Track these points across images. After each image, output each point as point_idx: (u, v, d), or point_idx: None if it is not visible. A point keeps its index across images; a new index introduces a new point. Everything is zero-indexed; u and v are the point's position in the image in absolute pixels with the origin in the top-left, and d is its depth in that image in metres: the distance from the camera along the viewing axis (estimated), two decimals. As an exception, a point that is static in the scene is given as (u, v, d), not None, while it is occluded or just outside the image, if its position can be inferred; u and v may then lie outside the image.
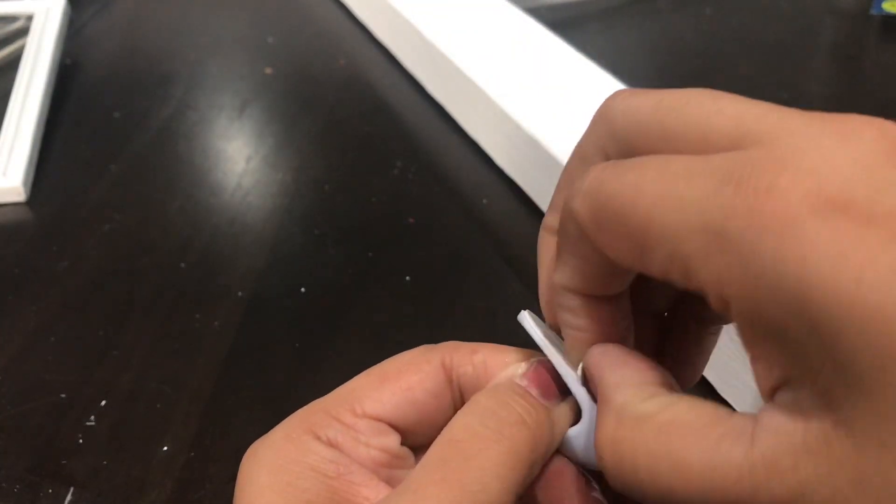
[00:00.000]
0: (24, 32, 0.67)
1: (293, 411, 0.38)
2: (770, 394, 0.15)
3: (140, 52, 0.70)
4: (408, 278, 0.44)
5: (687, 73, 0.65)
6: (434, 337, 0.40)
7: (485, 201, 0.50)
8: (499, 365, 0.22)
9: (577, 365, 0.21)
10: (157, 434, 0.36)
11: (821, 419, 0.14)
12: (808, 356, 0.14)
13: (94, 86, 0.64)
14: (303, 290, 0.43)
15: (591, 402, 0.20)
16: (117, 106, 0.61)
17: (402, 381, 0.22)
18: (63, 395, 0.37)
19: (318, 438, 0.20)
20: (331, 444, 0.20)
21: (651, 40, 0.71)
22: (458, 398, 0.22)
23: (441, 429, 0.22)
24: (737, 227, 0.15)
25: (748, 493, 0.15)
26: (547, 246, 0.23)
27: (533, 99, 0.49)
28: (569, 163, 0.21)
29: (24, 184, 0.51)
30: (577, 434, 0.21)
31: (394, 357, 0.23)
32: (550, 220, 0.22)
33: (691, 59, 0.67)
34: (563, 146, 0.44)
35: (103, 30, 0.74)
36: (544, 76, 0.52)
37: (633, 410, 0.18)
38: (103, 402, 0.37)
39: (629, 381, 0.18)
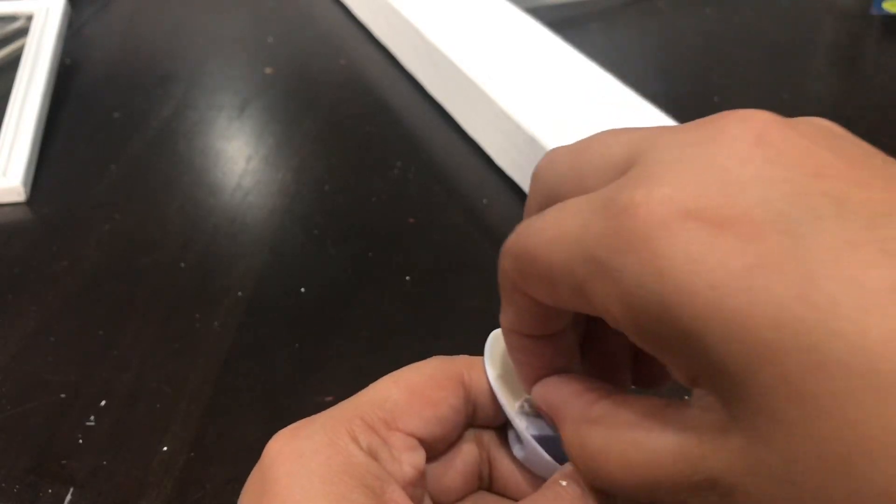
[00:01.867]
0: (23, 32, 0.67)
1: (293, 411, 0.38)
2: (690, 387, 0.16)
3: (140, 52, 0.70)
4: (408, 278, 0.44)
5: (687, 73, 0.65)
6: (434, 337, 0.40)
7: (485, 201, 0.50)
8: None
9: (528, 392, 0.22)
10: (157, 434, 0.36)
11: (720, 414, 0.15)
12: (691, 364, 0.15)
13: (94, 86, 0.64)
14: (303, 290, 0.43)
15: (530, 439, 0.22)
16: (117, 106, 0.61)
17: (430, 396, 0.22)
18: (63, 395, 0.37)
19: (360, 448, 0.20)
20: (370, 455, 0.20)
21: (651, 40, 0.71)
22: (471, 414, 0.23)
23: (453, 444, 0.23)
24: (606, 251, 0.15)
25: (673, 482, 0.16)
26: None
27: (533, 99, 0.49)
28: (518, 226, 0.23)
29: (24, 184, 0.51)
30: (523, 459, 0.22)
31: (413, 367, 0.23)
32: None
33: (691, 59, 0.67)
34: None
35: (103, 30, 0.74)
36: (544, 76, 0.52)
37: (583, 417, 0.19)
38: (103, 402, 0.37)
39: (572, 397, 0.19)
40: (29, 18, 0.68)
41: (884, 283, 0.13)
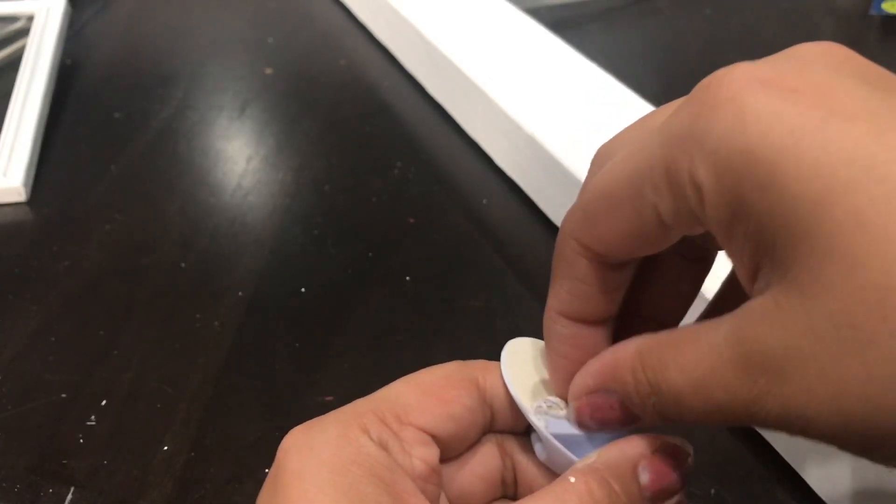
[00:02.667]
0: (24, 33, 0.67)
1: (293, 411, 0.38)
2: (750, 290, 0.17)
3: (140, 53, 0.70)
4: (408, 278, 0.44)
5: (687, 73, 0.65)
6: (434, 337, 0.40)
7: (485, 201, 0.50)
8: None
9: (555, 390, 0.22)
10: (158, 434, 0.36)
11: (775, 288, 0.15)
12: (766, 222, 0.15)
13: (95, 86, 0.64)
14: (303, 290, 0.43)
15: (549, 437, 0.22)
16: (117, 106, 0.61)
17: (443, 394, 0.22)
18: (63, 395, 0.37)
19: (372, 440, 0.20)
20: (381, 447, 0.20)
21: (651, 40, 0.71)
22: (489, 417, 0.23)
23: (471, 444, 0.23)
24: (692, 120, 0.16)
25: (728, 370, 0.16)
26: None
27: (533, 99, 0.49)
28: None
29: (25, 184, 0.51)
30: (545, 460, 0.22)
31: (429, 369, 0.23)
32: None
33: (691, 59, 0.67)
34: (562, 146, 0.44)
35: (103, 30, 0.74)
36: (544, 76, 0.52)
37: (644, 344, 0.19)
38: (104, 402, 0.37)
39: (621, 347, 0.20)
40: (29, 19, 0.68)
41: None
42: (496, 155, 0.52)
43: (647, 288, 0.22)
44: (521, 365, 0.23)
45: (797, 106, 0.15)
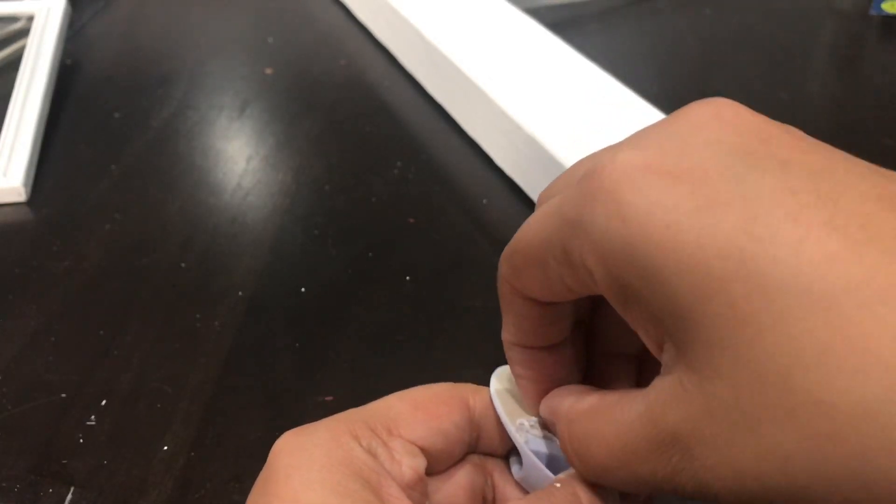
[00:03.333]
0: (24, 33, 0.67)
1: (293, 411, 0.38)
2: (659, 356, 0.17)
3: (140, 53, 0.70)
4: (408, 278, 0.44)
5: (686, 74, 0.65)
6: (434, 337, 0.40)
7: (485, 201, 0.50)
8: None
9: (530, 411, 0.23)
10: (158, 434, 0.36)
11: (678, 368, 0.16)
12: (655, 309, 0.16)
13: (95, 86, 0.64)
14: (303, 290, 0.43)
15: (528, 452, 0.22)
16: (117, 106, 0.61)
17: (433, 409, 0.23)
18: (63, 395, 0.37)
19: (360, 446, 0.21)
20: (370, 454, 0.21)
21: (651, 40, 0.71)
22: (474, 437, 0.24)
23: (456, 461, 0.24)
24: (579, 209, 0.17)
25: (645, 448, 0.17)
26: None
27: (533, 99, 0.49)
28: None
29: (25, 184, 0.51)
30: (521, 478, 0.23)
31: (421, 387, 0.24)
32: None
33: (691, 59, 0.67)
34: (562, 146, 0.44)
35: (103, 30, 0.74)
36: (544, 76, 0.52)
37: (571, 411, 0.20)
38: (104, 402, 0.37)
39: (565, 397, 0.21)
40: (30, 19, 0.68)
41: (817, 218, 0.14)
42: (496, 155, 0.52)
43: (600, 317, 0.23)
44: (508, 388, 0.24)
45: (674, 196, 0.16)
